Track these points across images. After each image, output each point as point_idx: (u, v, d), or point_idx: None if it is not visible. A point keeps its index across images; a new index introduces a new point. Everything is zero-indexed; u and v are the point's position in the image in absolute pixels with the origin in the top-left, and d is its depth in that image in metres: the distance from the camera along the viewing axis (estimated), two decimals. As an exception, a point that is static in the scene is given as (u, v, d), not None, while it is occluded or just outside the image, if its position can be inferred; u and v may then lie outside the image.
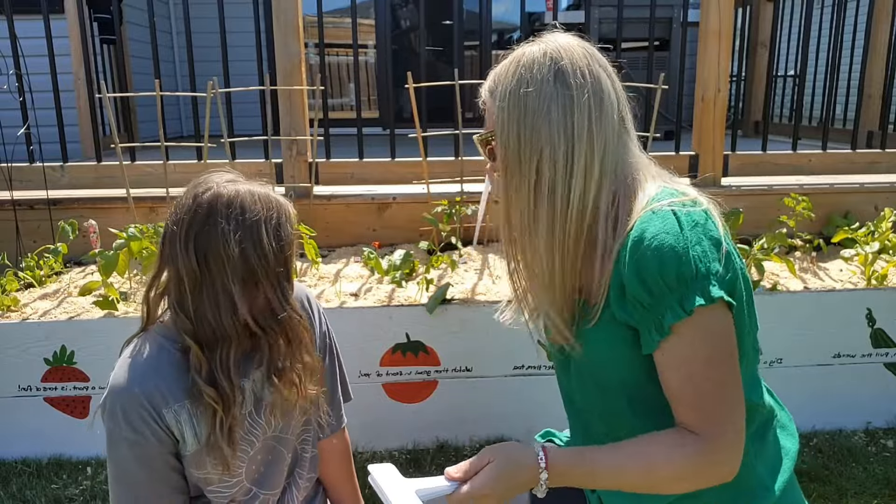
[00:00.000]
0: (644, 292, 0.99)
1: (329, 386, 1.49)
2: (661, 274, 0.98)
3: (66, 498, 2.14)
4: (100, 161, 3.31)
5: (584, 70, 1.06)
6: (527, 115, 1.05)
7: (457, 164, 2.99)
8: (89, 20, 4.50)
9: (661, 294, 0.99)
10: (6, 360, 2.29)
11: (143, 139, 4.63)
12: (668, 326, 0.99)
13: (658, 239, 0.98)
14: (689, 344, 0.99)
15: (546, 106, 1.05)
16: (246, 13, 3.35)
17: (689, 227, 0.99)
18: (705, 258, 0.98)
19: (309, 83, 3.04)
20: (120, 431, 1.21)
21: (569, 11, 5.69)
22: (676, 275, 0.97)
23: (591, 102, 1.05)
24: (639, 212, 1.03)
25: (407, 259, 2.62)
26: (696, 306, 0.97)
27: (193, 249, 1.21)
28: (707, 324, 0.99)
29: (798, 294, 2.47)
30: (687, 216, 1.00)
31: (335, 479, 1.56)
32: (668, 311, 0.99)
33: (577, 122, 1.04)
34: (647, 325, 1.01)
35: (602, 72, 1.08)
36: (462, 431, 2.41)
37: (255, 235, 1.23)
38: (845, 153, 3.53)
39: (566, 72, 1.05)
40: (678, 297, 0.98)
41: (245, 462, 1.34)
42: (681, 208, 1.01)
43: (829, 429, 2.47)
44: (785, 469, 1.14)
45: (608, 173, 1.06)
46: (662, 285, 0.98)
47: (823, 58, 4.36)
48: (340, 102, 6.82)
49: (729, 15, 3.04)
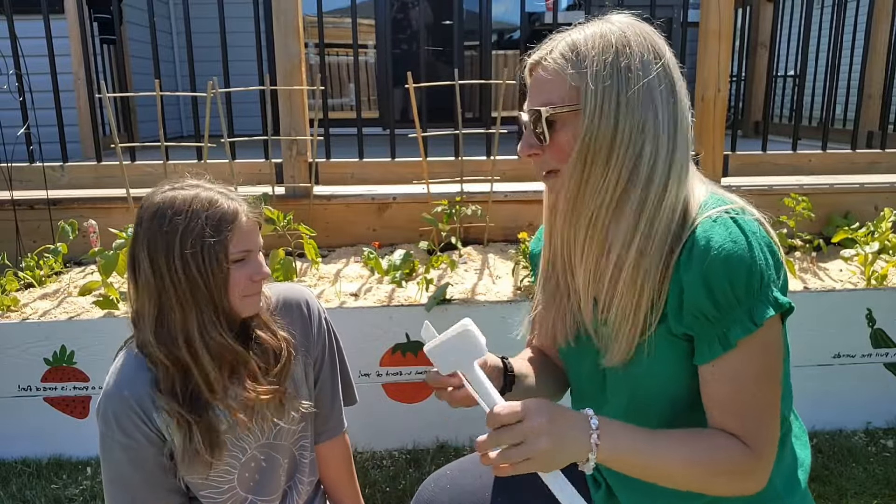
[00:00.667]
0: (710, 304, 0.95)
1: (328, 392, 1.47)
2: (730, 285, 0.94)
3: (66, 498, 2.14)
4: (100, 161, 3.31)
5: (673, 59, 1.03)
6: (629, 94, 0.97)
7: (457, 164, 2.99)
8: (89, 20, 4.51)
9: (728, 306, 0.95)
10: (6, 360, 2.29)
11: (143, 139, 4.63)
12: (734, 340, 0.95)
13: (725, 249, 0.94)
14: (747, 359, 0.97)
15: (652, 87, 0.98)
16: (246, 13, 3.35)
17: (752, 235, 0.95)
18: (769, 267, 0.96)
19: (309, 83, 3.04)
20: (112, 435, 1.22)
21: (569, 11, 5.69)
22: (746, 285, 0.94)
23: (684, 92, 1.02)
24: (693, 216, 0.99)
25: (407, 259, 2.62)
26: (767, 318, 0.94)
27: (131, 265, 1.23)
28: (767, 338, 0.97)
29: (798, 294, 2.47)
30: (747, 224, 0.96)
31: (336, 482, 1.56)
32: (735, 324, 0.95)
33: (678, 110, 1.00)
34: (709, 337, 0.97)
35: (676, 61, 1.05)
36: (462, 431, 2.41)
37: (167, 251, 1.18)
38: (845, 153, 3.53)
39: (664, 56, 1.01)
40: (747, 308, 0.95)
41: (237, 469, 1.33)
42: (740, 216, 0.97)
43: (829, 429, 2.47)
44: (799, 480, 1.12)
45: (687, 175, 1.01)
46: (731, 297, 0.94)
47: (823, 58, 4.36)
48: (340, 102, 6.82)
49: (729, 15, 3.04)
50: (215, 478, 1.31)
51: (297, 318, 1.40)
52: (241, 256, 1.24)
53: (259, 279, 1.26)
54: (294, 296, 1.42)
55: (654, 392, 1.06)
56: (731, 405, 0.99)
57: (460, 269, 2.71)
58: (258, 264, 1.26)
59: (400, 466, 2.29)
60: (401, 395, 2.38)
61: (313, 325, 1.43)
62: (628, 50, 0.98)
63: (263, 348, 1.31)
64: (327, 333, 1.46)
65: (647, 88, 0.98)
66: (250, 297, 1.26)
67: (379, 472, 2.26)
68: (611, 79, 0.97)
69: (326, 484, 1.56)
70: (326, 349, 1.46)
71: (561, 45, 1.02)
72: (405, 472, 2.25)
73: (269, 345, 1.31)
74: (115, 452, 1.23)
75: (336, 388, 1.50)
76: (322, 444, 1.50)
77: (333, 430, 1.50)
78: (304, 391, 1.41)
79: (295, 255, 2.75)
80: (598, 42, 0.99)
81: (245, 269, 1.24)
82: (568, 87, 0.99)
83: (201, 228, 1.18)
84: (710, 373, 0.99)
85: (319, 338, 1.44)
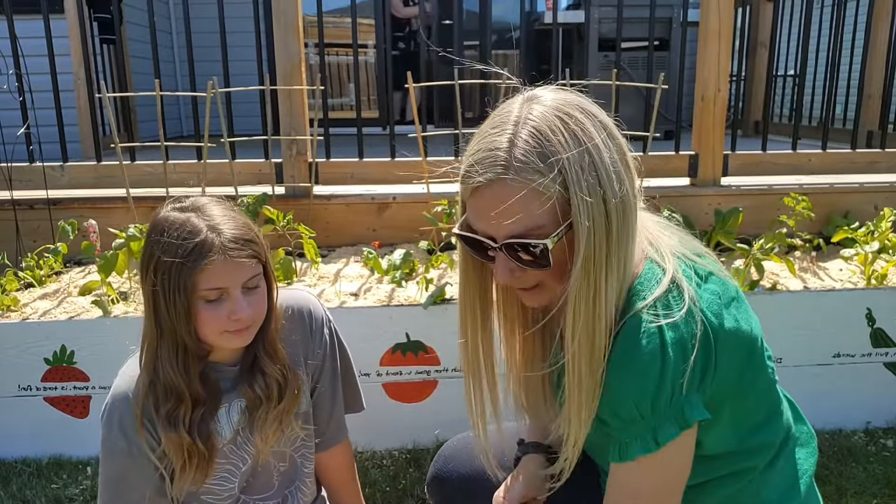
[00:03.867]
0: (614, 414, 0.93)
1: (327, 401, 1.46)
2: (635, 402, 0.91)
3: (66, 498, 2.14)
4: (100, 161, 3.31)
5: (614, 129, 0.93)
6: (610, 189, 0.88)
7: (456, 164, 2.98)
8: (89, 20, 4.51)
9: (632, 420, 0.92)
10: (6, 360, 2.29)
11: (143, 139, 4.63)
12: (633, 455, 0.93)
13: (635, 363, 0.90)
14: (644, 475, 0.95)
15: (620, 184, 0.89)
16: (246, 13, 3.35)
17: (672, 345, 0.89)
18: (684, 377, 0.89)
19: (309, 83, 3.04)
20: (114, 439, 1.22)
21: (568, 11, 5.69)
22: (651, 404, 0.90)
23: (633, 168, 0.93)
24: (625, 302, 0.93)
25: (407, 259, 2.62)
26: (669, 440, 0.91)
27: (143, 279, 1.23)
28: (670, 458, 0.94)
29: (798, 294, 2.47)
30: (669, 330, 0.89)
31: (338, 488, 1.55)
32: (636, 439, 0.93)
33: (632, 188, 0.91)
34: (615, 440, 0.96)
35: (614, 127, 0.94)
36: (462, 431, 2.41)
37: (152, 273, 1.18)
38: (845, 153, 3.53)
39: (606, 123, 0.91)
40: (651, 427, 0.92)
41: (237, 478, 1.34)
42: (667, 313, 0.90)
43: (828, 429, 2.47)
44: (800, 490, 1.11)
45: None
46: (636, 412, 0.91)
47: (823, 58, 4.35)
48: (340, 102, 6.81)
49: (729, 15, 3.04)
50: (214, 486, 1.32)
51: (297, 326, 1.39)
52: (215, 296, 1.18)
53: (237, 318, 1.19)
54: (296, 303, 1.40)
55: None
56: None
57: (460, 268, 2.71)
58: (238, 303, 1.19)
59: (400, 466, 2.29)
60: (401, 394, 2.38)
61: (314, 334, 1.41)
62: (591, 143, 0.87)
63: (267, 380, 1.29)
64: (330, 342, 1.44)
65: (619, 181, 0.89)
66: (235, 332, 1.21)
67: (379, 471, 2.26)
68: (589, 184, 0.86)
69: (329, 490, 1.56)
70: (328, 358, 1.44)
71: (518, 145, 0.87)
72: (405, 471, 2.25)
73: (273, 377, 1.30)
74: (116, 455, 1.23)
75: (336, 397, 1.47)
76: (322, 452, 1.49)
77: (332, 439, 1.49)
78: (304, 403, 1.40)
79: (295, 254, 2.75)
80: (562, 131, 0.87)
81: (222, 308, 1.19)
82: (545, 198, 0.87)
83: (173, 256, 1.15)
84: (613, 473, 0.99)
85: (321, 346, 1.42)
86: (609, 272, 0.89)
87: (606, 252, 0.89)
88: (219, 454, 1.28)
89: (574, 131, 0.87)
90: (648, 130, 2.84)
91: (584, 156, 0.86)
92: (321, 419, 1.46)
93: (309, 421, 1.42)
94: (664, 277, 0.93)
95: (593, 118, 0.90)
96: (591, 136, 0.87)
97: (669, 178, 3.25)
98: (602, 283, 0.89)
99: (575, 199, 0.86)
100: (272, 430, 1.30)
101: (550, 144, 0.86)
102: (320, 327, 1.42)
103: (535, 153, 0.86)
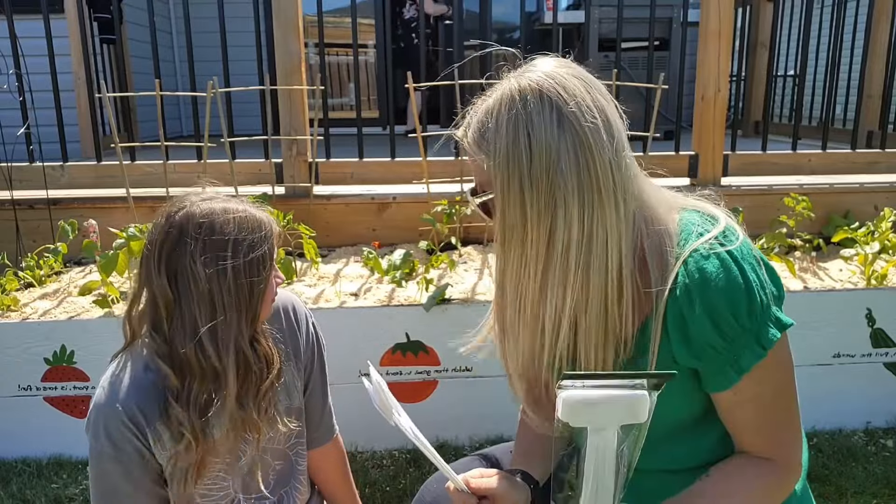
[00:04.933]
0: (718, 336, 0.95)
1: (318, 397, 1.47)
2: (734, 315, 0.94)
3: (66, 498, 2.14)
4: (100, 161, 3.31)
5: (590, 105, 0.93)
6: (532, 171, 0.92)
7: (457, 164, 2.99)
8: (89, 20, 4.51)
9: (735, 336, 0.95)
10: (6, 360, 2.29)
11: (143, 139, 4.62)
12: (747, 366, 0.96)
13: (722, 280, 0.94)
14: (763, 380, 0.98)
15: (554, 157, 0.91)
16: (246, 13, 3.35)
17: (743, 260, 0.96)
18: (766, 285, 0.97)
19: (309, 83, 3.04)
20: (102, 447, 1.20)
21: (569, 11, 5.68)
22: (748, 313, 0.94)
23: (605, 143, 0.93)
24: (673, 253, 0.97)
25: (407, 259, 2.62)
26: (775, 340, 0.96)
27: (165, 271, 1.19)
28: (779, 356, 0.98)
29: (798, 294, 2.47)
30: (736, 250, 0.97)
31: (332, 485, 1.56)
32: (745, 350, 0.96)
33: (594, 172, 0.92)
34: (722, 366, 0.97)
35: (603, 99, 0.96)
36: (462, 431, 2.41)
37: (221, 258, 1.19)
38: (845, 153, 3.53)
39: (569, 112, 0.92)
40: (754, 335, 0.95)
41: (232, 475, 1.33)
42: (723, 240, 0.98)
43: (828, 428, 2.47)
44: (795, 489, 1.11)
45: (630, 222, 0.96)
46: (737, 327, 0.95)
47: (823, 58, 4.37)
48: (340, 102, 6.81)
49: (729, 15, 3.04)
50: (210, 486, 1.31)
51: (284, 324, 1.39)
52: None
53: (281, 282, 1.33)
54: (280, 301, 1.41)
55: (670, 423, 1.05)
56: (757, 426, 1.01)
57: (460, 268, 2.71)
58: (276, 270, 1.32)
59: (400, 466, 2.29)
60: (401, 394, 2.36)
61: (301, 330, 1.41)
62: (527, 120, 0.92)
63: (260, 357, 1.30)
64: (315, 338, 1.45)
65: (553, 159, 0.92)
66: (273, 300, 1.32)
67: (379, 471, 2.26)
68: (508, 158, 0.93)
69: (323, 488, 1.55)
70: (315, 354, 1.45)
71: (474, 121, 0.99)
72: (405, 471, 2.26)
73: (265, 352, 1.30)
74: (105, 464, 1.21)
75: (326, 393, 1.49)
76: (315, 449, 1.49)
77: (324, 436, 1.50)
78: (297, 398, 1.40)
79: (295, 254, 2.75)
80: (501, 113, 0.94)
81: (273, 276, 1.30)
82: (485, 169, 0.97)
83: (258, 246, 1.23)
84: (729, 400, 1.00)
85: (308, 343, 1.43)
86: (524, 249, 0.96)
87: (524, 227, 0.95)
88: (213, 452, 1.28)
89: (517, 107, 0.93)
90: (648, 130, 2.84)
91: (514, 134, 0.93)
92: (314, 413, 1.46)
93: (302, 417, 1.42)
94: (708, 226, 1.00)
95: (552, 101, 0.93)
96: (533, 116, 0.92)
97: (669, 178, 3.25)
98: (517, 256, 0.98)
99: (491, 172, 0.95)
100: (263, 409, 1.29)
101: (494, 125, 0.95)
102: (305, 323, 1.44)
103: (482, 129, 0.97)
